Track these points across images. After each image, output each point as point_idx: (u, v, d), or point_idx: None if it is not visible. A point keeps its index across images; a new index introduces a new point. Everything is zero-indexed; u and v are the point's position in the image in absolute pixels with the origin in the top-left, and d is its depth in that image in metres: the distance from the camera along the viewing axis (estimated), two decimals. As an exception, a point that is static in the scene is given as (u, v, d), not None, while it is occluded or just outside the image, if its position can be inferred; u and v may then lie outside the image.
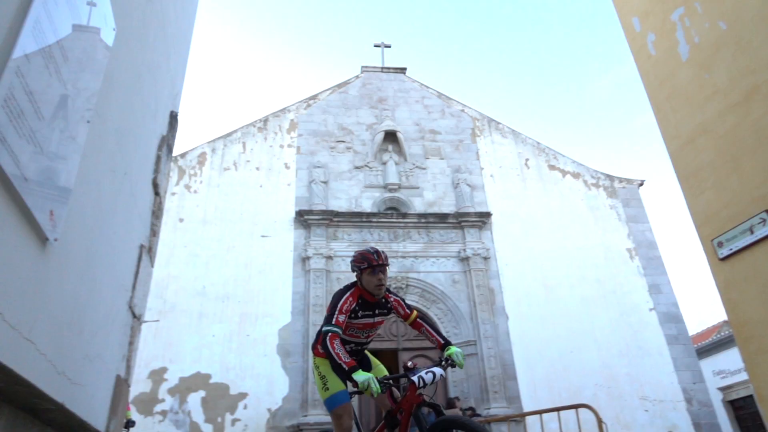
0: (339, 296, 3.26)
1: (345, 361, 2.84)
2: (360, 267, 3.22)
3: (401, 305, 3.43)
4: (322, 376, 3.29)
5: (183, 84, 4.78)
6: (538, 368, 12.70)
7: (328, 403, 3.22)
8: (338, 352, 2.90)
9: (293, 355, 12.20)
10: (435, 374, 2.96)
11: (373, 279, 3.18)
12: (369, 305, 3.29)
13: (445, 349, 3.17)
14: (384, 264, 3.22)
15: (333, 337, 2.99)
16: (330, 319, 3.13)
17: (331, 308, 3.22)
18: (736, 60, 4.83)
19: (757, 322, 4.42)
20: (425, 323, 3.40)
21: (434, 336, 3.32)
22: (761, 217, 4.40)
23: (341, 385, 3.22)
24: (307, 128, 15.65)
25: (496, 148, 16.12)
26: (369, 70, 17.18)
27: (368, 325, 3.34)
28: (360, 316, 3.25)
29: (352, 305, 3.20)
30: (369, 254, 3.25)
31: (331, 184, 14.75)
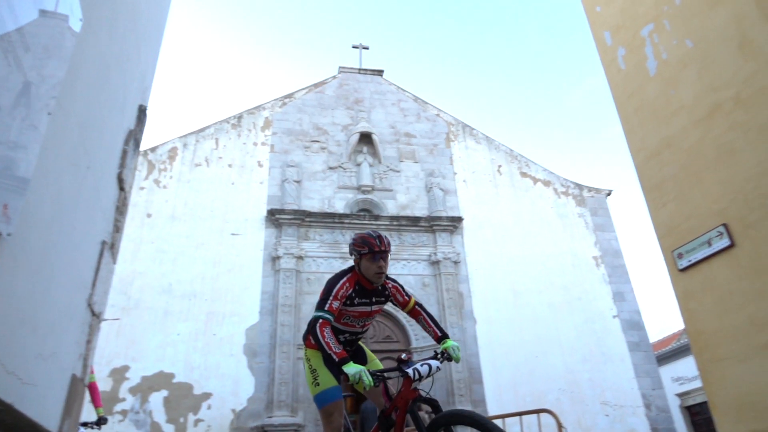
0: (334, 281, 3.02)
1: (335, 351, 2.65)
2: (360, 252, 3.00)
3: (400, 291, 3.24)
4: (312, 369, 3.06)
5: (154, 78, 4.68)
6: (504, 372, 12.86)
7: (318, 399, 2.98)
8: (328, 341, 2.70)
9: (260, 356, 12.07)
10: (431, 366, 2.76)
11: (372, 266, 2.98)
12: (366, 292, 3.07)
13: (441, 341, 3.00)
14: (386, 251, 3.00)
15: (324, 324, 2.79)
16: (322, 304, 2.90)
17: (324, 293, 2.98)
18: (700, 77, 4.99)
19: (712, 332, 4.57)
20: (423, 312, 3.20)
21: (431, 327, 3.13)
22: (719, 231, 4.55)
23: (333, 381, 2.99)
24: (282, 127, 15.53)
25: (469, 153, 16.28)
26: (346, 71, 17.15)
27: (365, 313, 3.11)
28: (356, 303, 3.03)
29: (348, 291, 2.98)
30: (371, 239, 3.02)
31: (304, 183, 14.67)
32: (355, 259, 3.07)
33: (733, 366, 4.36)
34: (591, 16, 6.51)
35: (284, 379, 11.71)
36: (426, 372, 2.72)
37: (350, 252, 3.10)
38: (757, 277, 4.28)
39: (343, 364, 2.60)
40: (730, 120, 4.63)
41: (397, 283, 3.27)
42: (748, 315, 4.31)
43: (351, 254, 3.09)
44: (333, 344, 2.69)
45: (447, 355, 2.92)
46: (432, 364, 2.78)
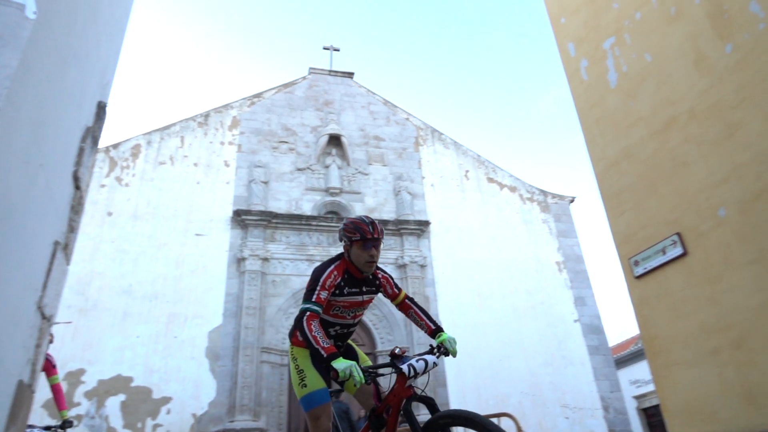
0: (321, 270, 2.82)
1: (323, 346, 2.45)
2: (351, 238, 2.79)
3: (390, 283, 3.05)
4: (299, 369, 2.83)
5: (114, 74, 4.55)
6: (468, 376, 12.99)
7: (305, 401, 2.77)
8: (316, 335, 2.50)
9: (223, 359, 11.87)
10: (427, 362, 2.54)
11: (363, 254, 2.77)
12: (356, 281, 2.88)
13: (436, 335, 2.81)
14: (379, 238, 2.83)
15: (311, 317, 2.58)
16: (309, 295, 2.69)
17: (311, 283, 2.77)
18: (658, 91, 5.16)
19: (665, 337, 4.72)
20: (414, 305, 3.04)
21: (424, 320, 2.94)
22: (673, 239, 4.71)
23: (321, 382, 2.78)
24: (250, 126, 15.35)
25: (438, 158, 16.41)
26: (316, 72, 17.07)
27: (355, 303, 2.92)
28: (346, 293, 2.83)
29: (337, 280, 2.78)
30: (363, 225, 2.79)
31: (271, 184, 14.51)
32: (345, 245, 2.88)
33: (684, 371, 4.51)
34: (556, 27, 6.66)
35: (247, 383, 11.54)
36: (422, 368, 2.51)
37: (340, 238, 2.90)
38: (707, 285, 4.45)
39: (332, 359, 2.40)
40: (685, 133, 4.80)
41: (387, 274, 3.08)
42: (699, 321, 4.47)
43: (341, 240, 2.89)
44: (321, 339, 2.49)
45: (443, 349, 2.74)
46: (428, 360, 2.57)
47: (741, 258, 4.22)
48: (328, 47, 17.60)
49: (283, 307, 12.81)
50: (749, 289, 4.14)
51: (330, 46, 17.61)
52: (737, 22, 4.51)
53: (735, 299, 4.22)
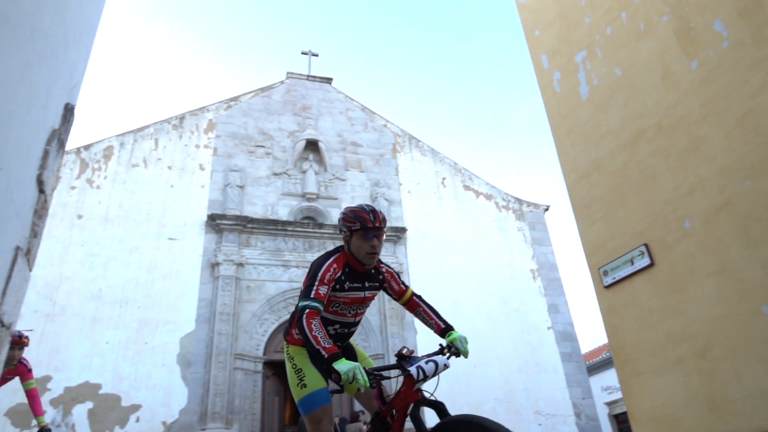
0: (320, 263, 2.60)
1: (324, 346, 2.26)
2: (350, 228, 2.60)
3: (395, 278, 2.84)
4: (297, 369, 2.64)
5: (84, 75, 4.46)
6: (443, 382, 12.76)
7: (303, 403, 2.57)
8: (316, 334, 2.30)
9: (195, 365, 11.68)
10: (437, 364, 2.35)
11: (364, 244, 2.57)
12: (357, 276, 2.68)
13: (446, 334, 2.64)
14: (380, 227, 2.61)
15: (311, 314, 2.38)
16: (308, 291, 2.48)
17: (309, 279, 2.55)
18: (627, 104, 5.28)
19: (633, 346, 4.81)
20: (423, 303, 2.82)
21: (433, 319, 2.74)
22: (641, 250, 4.81)
23: (321, 382, 2.60)
24: (226, 130, 15.21)
25: (415, 165, 16.48)
26: (294, 77, 17.02)
27: (357, 300, 2.70)
28: (347, 288, 2.64)
29: (337, 274, 2.58)
30: (363, 213, 2.60)
31: (247, 189, 14.39)
32: (344, 236, 2.67)
33: (650, 379, 4.59)
34: (530, 39, 6.77)
35: (220, 390, 11.38)
36: (432, 370, 2.32)
37: (339, 229, 2.70)
38: (673, 295, 4.54)
39: (334, 360, 2.21)
40: (653, 146, 4.92)
41: (391, 269, 2.87)
42: (665, 331, 4.56)
43: (340, 231, 2.69)
44: (322, 338, 2.29)
45: (454, 349, 2.55)
46: (438, 361, 2.37)
47: (705, 269, 4.33)
48: (307, 52, 17.58)
49: (258, 313, 12.68)
50: (712, 300, 4.24)
51: (309, 51, 17.60)
52: (702, 40, 4.64)
53: (699, 309, 4.32)
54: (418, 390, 2.36)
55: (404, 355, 2.41)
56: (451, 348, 2.57)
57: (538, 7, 6.81)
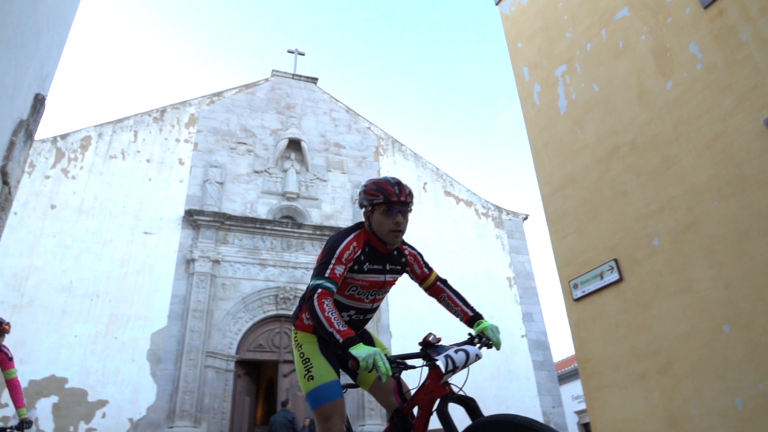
0: (338, 240, 2.33)
1: (338, 329, 1.98)
2: (372, 201, 2.29)
3: (418, 261, 2.55)
4: (305, 358, 2.36)
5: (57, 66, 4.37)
6: (414, 386, 13.01)
7: (312, 397, 2.28)
8: (329, 315, 2.03)
9: (165, 362, 11.51)
10: (468, 354, 2.02)
11: (387, 221, 2.27)
12: (378, 256, 2.38)
13: (475, 323, 2.34)
14: (406, 202, 2.29)
15: (323, 294, 2.12)
16: (322, 269, 2.21)
17: (325, 255, 2.27)
18: (603, 120, 5.35)
19: (599, 359, 4.87)
20: (447, 289, 2.54)
21: (459, 306, 2.45)
22: (610, 265, 4.87)
23: (332, 373, 2.32)
24: (208, 125, 15.04)
25: (397, 168, 16.49)
26: (280, 75, 16.92)
27: (376, 284, 2.41)
28: (366, 269, 2.35)
29: (356, 253, 2.30)
30: (387, 185, 2.29)
31: (227, 185, 14.25)
32: (365, 211, 2.36)
33: (614, 393, 4.65)
34: (513, 50, 6.82)
35: (189, 388, 11.23)
36: (462, 361, 1.98)
37: (360, 203, 2.39)
38: (639, 311, 4.61)
39: (350, 345, 1.93)
40: (626, 163, 4.99)
41: (415, 251, 2.59)
42: (630, 346, 4.62)
43: (361, 206, 2.39)
44: (336, 320, 2.02)
45: (485, 339, 2.24)
46: (470, 351, 2.03)
47: (671, 287, 4.40)
48: (293, 51, 17.49)
49: (232, 311, 12.55)
50: (677, 317, 4.31)
51: (295, 49, 17.52)
52: (678, 61, 4.73)
53: (663, 326, 4.39)
54: (445, 383, 2.03)
55: (430, 343, 2.05)
56: (482, 338, 2.25)
57: (521, 19, 6.87)
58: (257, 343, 12.70)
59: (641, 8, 5.23)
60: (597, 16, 5.71)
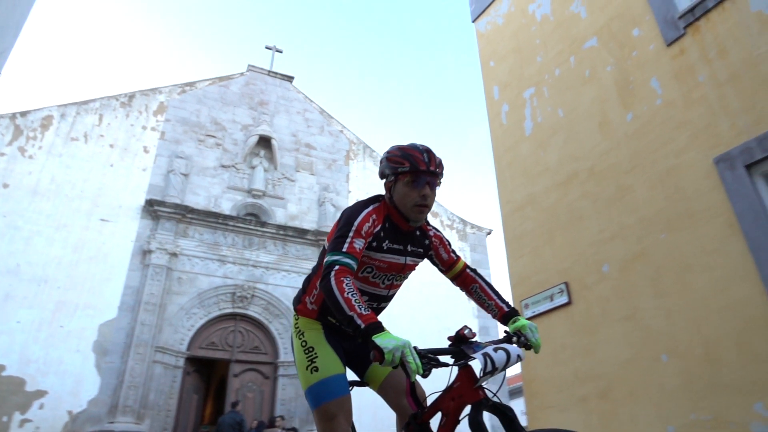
0: (356, 210, 1.99)
1: (359, 312, 1.61)
2: (396, 170, 1.96)
3: (444, 245, 2.23)
4: (308, 347, 2.03)
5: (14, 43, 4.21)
6: (367, 394, 12.78)
7: (314, 392, 1.94)
8: (349, 296, 1.66)
9: (111, 354, 11.17)
10: (509, 354, 1.68)
11: (412, 193, 1.95)
12: (399, 235, 2.05)
13: (510, 320, 2.00)
14: (436, 173, 1.98)
15: (343, 271, 1.75)
16: (339, 243, 1.85)
17: (341, 228, 1.92)
18: (566, 145, 5.46)
19: (543, 380, 4.94)
20: (480, 279, 2.21)
21: (493, 300, 2.12)
22: (561, 288, 4.96)
23: (338, 366, 1.99)
24: (177, 115, 14.74)
25: (367, 174, 16.49)
26: (255, 71, 16.73)
27: (395, 266, 2.07)
28: (385, 248, 2.02)
29: (376, 227, 1.97)
30: (415, 152, 1.97)
31: (192, 178, 13.97)
32: (387, 182, 2.04)
33: (555, 414, 4.72)
34: (485, 69, 6.91)
35: (135, 383, 10.91)
36: (502, 362, 1.65)
37: (381, 173, 2.06)
38: (585, 335, 4.70)
39: (375, 332, 1.55)
40: (583, 189, 5.10)
41: (440, 233, 2.26)
42: (574, 369, 4.71)
43: (382, 176, 2.07)
44: (357, 303, 1.64)
45: (524, 339, 1.90)
46: (511, 351, 1.69)
47: (616, 313, 4.51)
48: (271, 47, 17.33)
49: (186, 306, 12.28)
50: (620, 344, 4.41)
51: (273, 46, 17.35)
52: (639, 94, 4.87)
53: (607, 351, 4.49)
54: (479, 387, 1.67)
55: (465, 338, 1.74)
56: (519, 337, 1.91)
57: (496, 38, 6.97)
58: (210, 341, 12.45)
59: (609, 40, 5.37)
60: (567, 43, 5.84)
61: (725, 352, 3.71)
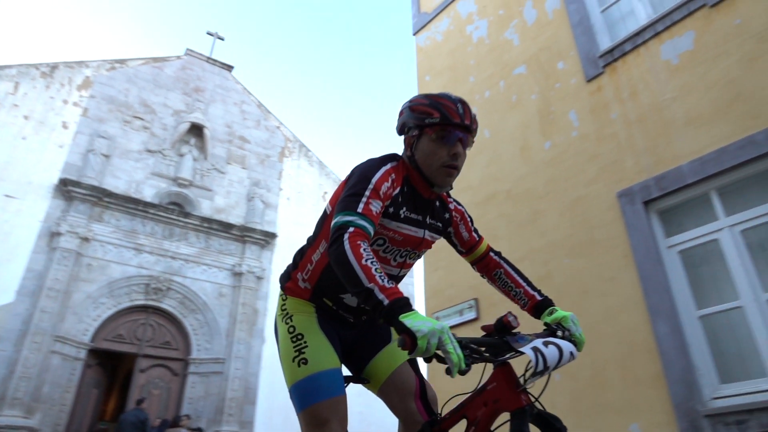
0: (372, 167, 1.59)
1: (381, 285, 1.25)
2: (422, 121, 1.59)
3: (466, 221, 1.90)
4: (296, 334, 1.65)
5: None
6: (281, 396, 12.77)
7: (301, 390, 1.56)
8: (368, 264, 1.29)
9: (4, 342, 10.34)
10: (562, 351, 1.35)
11: (441, 151, 1.58)
12: (418, 203, 1.68)
13: (545, 311, 1.69)
14: (471, 129, 1.61)
15: (358, 234, 1.38)
16: (352, 203, 1.46)
17: (353, 185, 1.52)
18: (488, 166, 5.64)
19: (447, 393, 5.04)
20: (506, 263, 1.90)
21: (522, 287, 1.81)
22: (470, 303, 5.10)
23: (334, 359, 1.62)
24: (104, 92, 13.95)
25: (300, 173, 16.30)
26: (194, 56, 16.16)
27: (411, 240, 1.68)
28: (402, 216, 1.63)
29: (395, 189, 1.60)
30: (448, 102, 1.59)
31: (113, 160, 13.24)
32: (407, 137, 1.66)
33: (454, 426, 4.84)
34: (421, 82, 7.03)
35: (28, 374, 10.16)
36: (554, 360, 1.31)
37: (400, 127, 1.69)
38: (489, 350, 4.85)
39: (402, 310, 1.21)
40: (500, 209, 5.28)
41: (463, 207, 1.93)
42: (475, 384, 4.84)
43: (401, 131, 1.69)
44: (378, 273, 1.28)
45: (569, 334, 1.57)
46: (563, 347, 1.37)
47: (519, 331, 4.69)
48: (213, 33, 16.81)
49: (94, 295, 11.60)
50: (520, 361, 4.60)
51: (215, 32, 16.84)
52: (558, 124, 5.12)
53: (507, 367, 4.66)
54: (523, 391, 1.32)
55: (509, 326, 1.40)
56: (562, 331, 1.58)
57: (434, 54, 7.10)
58: (117, 333, 11.82)
59: (537, 69, 5.60)
60: (499, 67, 6.04)
61: (610, 375, 3.95)
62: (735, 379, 3.55)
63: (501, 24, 6.26)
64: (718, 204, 3.89)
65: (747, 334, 3.52)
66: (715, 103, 4.04)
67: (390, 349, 1.83)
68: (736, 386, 3.51)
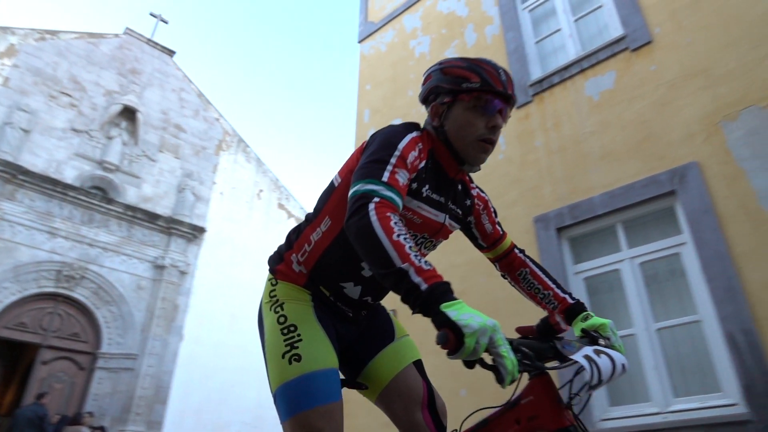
0: (397, 133, 1.33)
1: (418, 266, 1.02)
2: (459, 86, 1.37)
3: (489, 211, 1.66)
4: (287, 325, 1.37)
5: None
6: (195, 396, 12.36)
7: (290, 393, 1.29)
8: (400, 240, 1.05)
9: None
10: (615, 362, 1.16)
11: (478, 121, 1.36)
12: (442, 182, 1.45)
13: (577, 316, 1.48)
14: (513, 100, 1.40)
15: (385, 206, 1.14)
16: (376, 170, 1.21)
17: (378, 150, 1.28)
18: (418, 180, 5.73)
19: (360, 402, 5.05)
20: (531, 261, 1.67)
21: (551, 288, 1.58)
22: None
23: (331, 357, 1.36)
24: (30, 63, 13.06)
25: (236, 168, 15.92)
26: (133, 36, 15.46)
27: (431, 225, 1.44)
28: (424, 195, 1.39)
29: (421, 162, 1.35)
30: (488, 67, 1.37)
31: (33, 136, 12.41)
32: (434, 106, 1.43)
33: None
34: (361, 90, 7.05)
35: None
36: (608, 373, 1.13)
37: (427, 93, 1.46)
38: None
39: (444, 298, 0.98)
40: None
41: (486, 195, 1.69)
42: (386, 393, 4.88)
43: (426, 98, 1.47)
44: (412, 250, 1.05)
45: (608, 343, 1.39)
46: (615, 358, 1.18)
47: (431, 346, 4.76)
48: (157, 15, 16.17)
49: (-3, 278, 10.78)
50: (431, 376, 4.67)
51: (159, 14, 16.20)
52: (487, 146, 5.28)
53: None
54: (568, 406, 1.13)
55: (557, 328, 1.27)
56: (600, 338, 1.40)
57: (377, 64, 7.15)
58: (20, 321, 11.03)
59: (472, 90, 5.76)
60: (437, 84, 6.17)
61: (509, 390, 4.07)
62: (623, 402, 3.77)
63: (442, 42, 6.40)
64: (623, 236, 4.13)
65: (637, 360, 3.75)
66: (627, 141, 4.30)
67: (394, 349, 1.59)
68: (624, 409, 3.72)
